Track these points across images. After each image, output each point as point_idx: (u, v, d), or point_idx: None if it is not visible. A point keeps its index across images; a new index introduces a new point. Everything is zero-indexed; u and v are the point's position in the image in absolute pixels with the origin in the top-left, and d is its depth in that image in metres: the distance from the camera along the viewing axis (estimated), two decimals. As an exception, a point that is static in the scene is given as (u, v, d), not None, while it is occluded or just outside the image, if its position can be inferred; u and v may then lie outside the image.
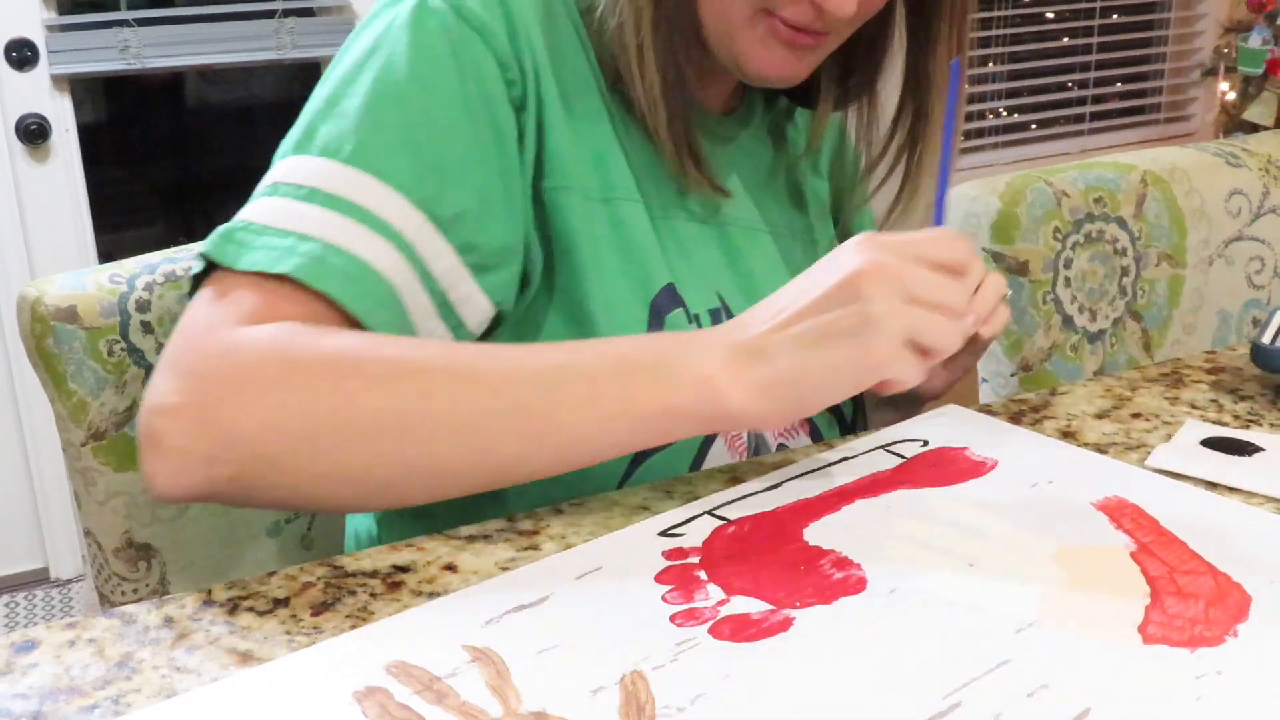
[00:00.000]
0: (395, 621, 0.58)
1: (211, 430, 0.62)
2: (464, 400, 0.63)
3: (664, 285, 0.80)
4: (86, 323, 0.88)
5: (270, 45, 2.39)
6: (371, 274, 0.68)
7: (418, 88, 0.72)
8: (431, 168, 0.71)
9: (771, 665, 0.54)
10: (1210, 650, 0.55)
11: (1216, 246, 1.28)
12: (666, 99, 0.77)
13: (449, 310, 0.73)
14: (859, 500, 0.69)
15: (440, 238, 0.71)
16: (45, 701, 0.52)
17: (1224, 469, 0.72)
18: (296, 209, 0.68)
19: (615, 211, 0.80)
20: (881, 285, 0.63)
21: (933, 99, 0.86)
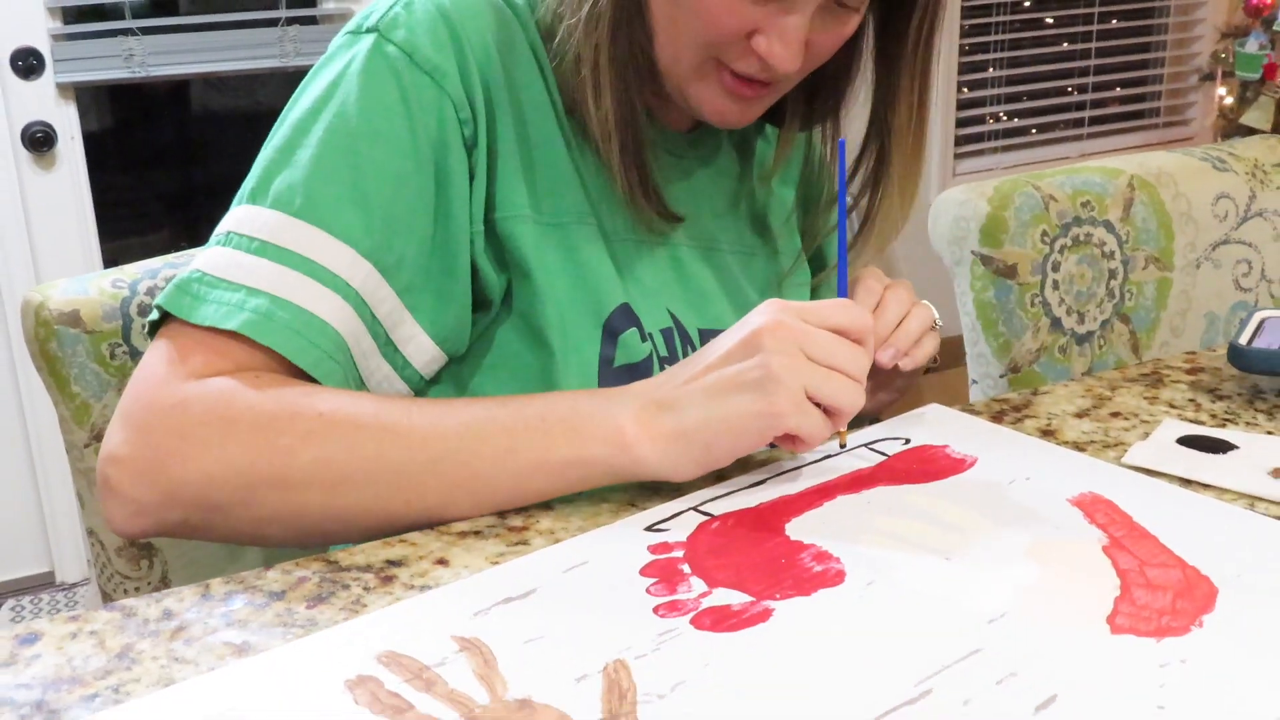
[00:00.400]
0: (386, 613, 0.59)
1: (158, 481, 0.68)
2: (390, 453, 0.68)
3: (618, 306, 0.82)
4: (89, 326, 0.90)
5: (274, 53, 2.41)
6: (318, 326, 0.72)
7: (368, 139, 0.75)
8: (378, 218, 0.74)
9: (751, 654, 0.55)
10: (1176, 640, 0.56)
11: (1204, 250, 1.30)
12: (620, 130, 0.79)
13: (393, 350, 0.77)
14: (840, 496, 0.71)
15: (384, 284, 0.75)
16: (48, 691, 0.54)
17: (1198, 466, 0.74)
18: (247, 262, 0.72)
19: (568, 235, 0.81)
20: (780, 341, 0.68)
21: (893, 148, 0.88)
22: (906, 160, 0.88)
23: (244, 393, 0.69)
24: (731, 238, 0.93)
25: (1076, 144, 3.50)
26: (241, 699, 0.53)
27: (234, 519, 0.70)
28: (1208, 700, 0.52)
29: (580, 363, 0.81)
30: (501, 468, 0.69)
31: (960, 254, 1.19)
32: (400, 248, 0.75)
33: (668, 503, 0.70)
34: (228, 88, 2.81)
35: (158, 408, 0.69)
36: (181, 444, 0.68)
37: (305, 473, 0.68)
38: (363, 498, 0.69)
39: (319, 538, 0.72)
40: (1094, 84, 3.49)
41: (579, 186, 0.83)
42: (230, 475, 0.68)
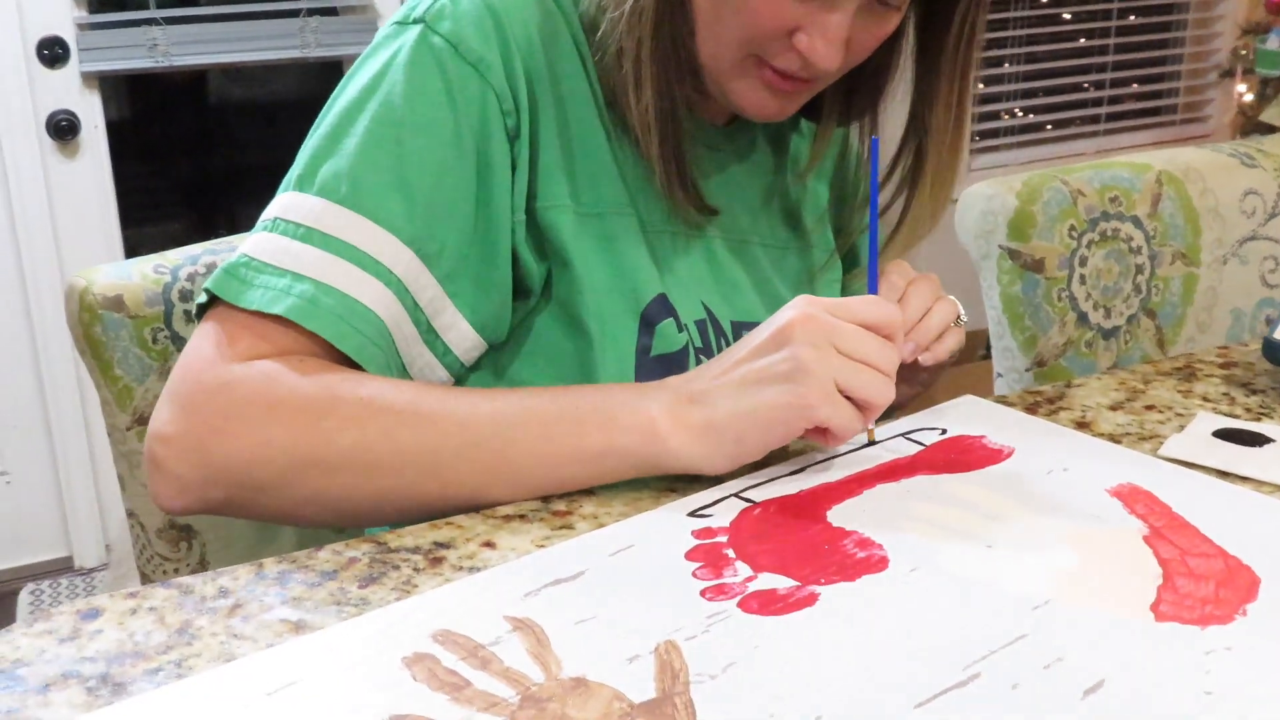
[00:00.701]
0: (439, 593, 0.60)
1: (203, 459, 0.70)
2: (426, 439, 0.70)
3: (655, 296, 0.83)
4: (132, 311, 0.91)
5: (294, 44, 2.42)
6: (361, 312, 0.73)
7: (413, 129, 0.76)
8: (421, 206, 0.75)
9: (799, 637, 0.56)
10: (1220, 628, 0.57)
11: (1230, 246, 1.30)
12: (660, 124, 0.80)
13: (434, 337, 0.78)
14: (879, 485, 0.71)
15: (426, 271, 0.76)
16: (112, 664, 0.55)
17: (1235, 459, 0.75)
18: (294, 248, 0.73)
19: (607, 225, 0.82)
20: (811, 334, 0.69)
21: (930, 144, 0.88)
22: (943, 160, 0.88)
23: (288, 376, 0.70)
24: (765, 232, 0.94)
25: (1093, 140, 3.50)
26: (301, 674, 0.54)
27: (275, 498, 0.71)
28: (1256, 687, 0.53)
29: (618, 352, 0.81)
30: (535, 455, 0.70)
31: (987, 248, 1.20)
32: (442, 236, 0.76)
33: (709, 489, 0.71)
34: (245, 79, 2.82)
35: (205, 388, 0.71)
36: (227, 424, 0.70)
37: (344, 456, 0.69)
38: (399, 482, 0.70)
39: (356, 519, 0.74)
40: (1111, 80, 3.49)
41: (618, 178, 0.83)
42: (273, 456, 0.69)
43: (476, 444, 0.70)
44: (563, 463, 0.70)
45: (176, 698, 0.52)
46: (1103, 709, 0.51)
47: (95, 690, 0.53)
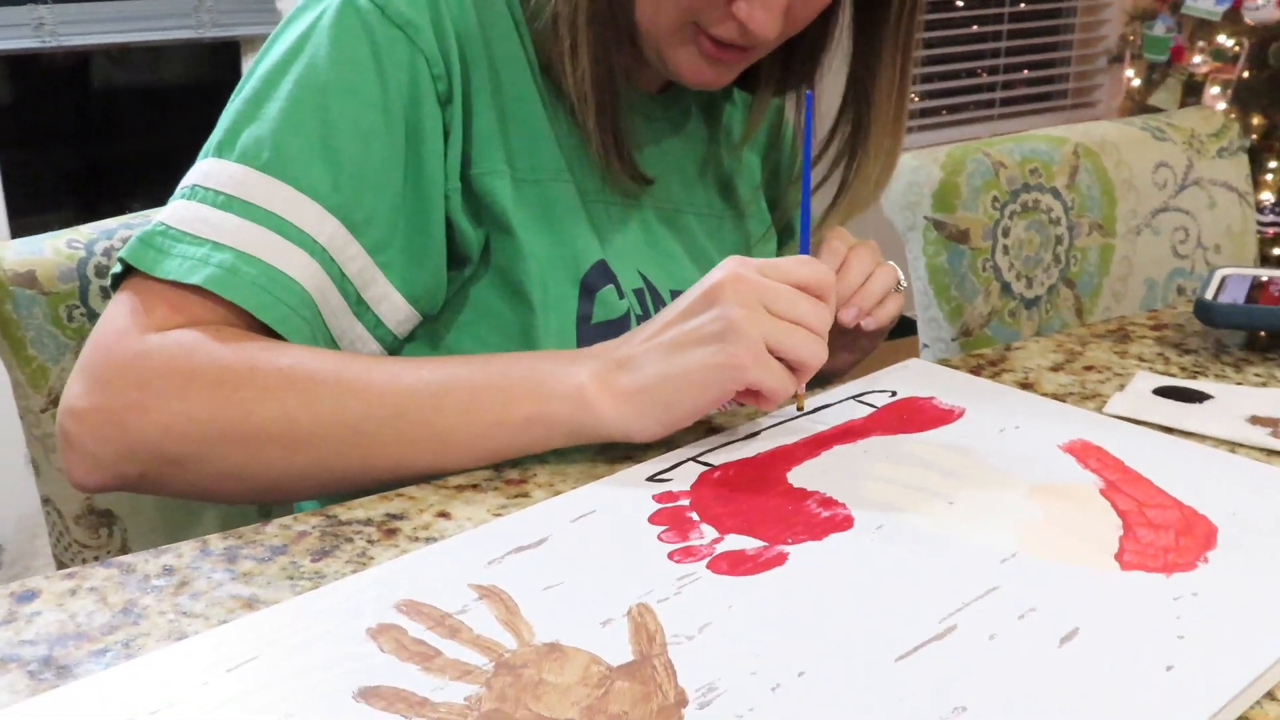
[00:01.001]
0: (398, 564, 0.58)
1: (117, 434, 0.67)
2: (349, 409, 0.67)
3: (595, 263, 0.82)
4: (45, 288, 0.86)
5: (189, 24, 2.35)
6: (284, 282, 0.70)
7: (338, 93, 0.73)
8: (347, 174, 0.73)
9: (772, 596, 0.55)
10: (1185, 575, 0.58)
11: (1144, 217, 1.33)
12: (596, 92, 0.79)
13: (365, 309, 0.76)
14: (836, 446, 0.71)
15: (353, 241, 0.74)
16: (54, 647, 0.52)
17: (1178, 415, 0.76)
18: (213, 216, 0.71)
19: (545, 192, 0.81)
20: (740, 295, 0.67)
21: (873, 115, 0.87)
22: (886, 133, 0.88)
23: (205, 346, 0.67)
24: (700, 202, 0.93)
25: (987, 124, 3.57)
26: (261, 649, 0.51)
27: (193, 473, 0.68)
28: (1225, 629, 0.53)
29: (559, 319, 0.80)
30: (461, 425, 0.68)
31: (913, 219, 1.21)
32: (370, 205, 0.74)
33: (666, 454, 0.70)
34: (132, 63, 2.73)
35: (117, 360, 0.68)
36: (140, 396, 0.67)
37: (263, 428, 0.67)
38: (321, 454, 0.68)
39: (278, 494, 0.71)
40: (1005, 65, 3.56)
41: (554, 145, 0.82)
42: (189, 429, 0.67)
43: (400, 414, 0.68)
44: (490, 432, 0.68)
45: (131, 677, 0.49)
46: (1078, 656, 0.51)
47: (39, 674, 0.50)
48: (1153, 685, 0.49)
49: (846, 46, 0.88)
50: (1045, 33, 3.61)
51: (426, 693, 0.49)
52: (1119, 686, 0.49)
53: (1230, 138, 1.39)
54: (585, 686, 0.49)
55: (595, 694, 0.49)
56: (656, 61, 0.82)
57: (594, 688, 0.49)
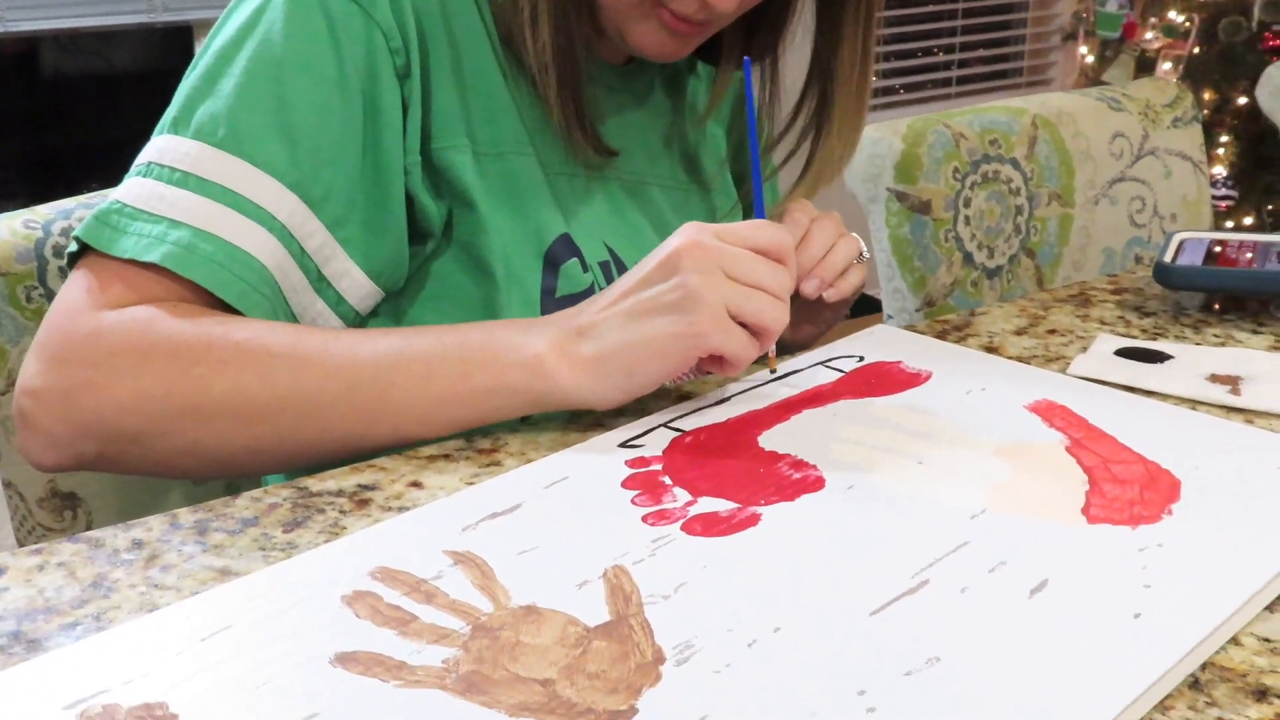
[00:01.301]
0: (371, 532, 0.58)
1: (73, 413, 0.66)
2: (304, 382, 0.67)
3: (558, 236, 0.82)
4: (3, 269, 0.85)
5: (141, 8, 2.32)
6: (242, 258, 0.70)
7: (293, 68, 0.72)
8: (304, 150, 0.72)
9: (747, 555, 0.56)
10: (1150, 527, 0.58)
11: (1101, 187, 1.35)
12: (558, 64, 0.78)
13: (326, 285, 0.75)
14: (806, 410, 0.71)
15: (313, 217, 0.73)
16: (23, 621, 0.51)
17: (1139, 375, 0.77)
18: (169, 194, 0.70)
19: (507, 165, 0.80)
20: (698, 260, 0.67)
21: (837, 88, 0.87)
22: (850, 106, 0.88)
23: (161, 322, 0.67)
24: (664, 175, 0.93)
25: (944, 103, 3.59)
26: (235, 618, 0.51)
27: (150, 450, 0.68)
28: (1190, 577, 0.54)
29: (523, 293, 0.80)
30: (418, 396, 0.67)
31: (875, 191, 1.21)
32: (328, 180, 0.73)
33: (636, 420, 0.70)
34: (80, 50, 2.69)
35: (73, 338, 0.67)
36: (95, 374, 0.66)
37: (219, 403, 0.66)
38: (277, 427, 0.67)
39: (236, 469, 0.70)
40: (960, 44, 3.58)
41: (516, 117, 0.81)
42: (144, 405, 0.66)
43: (355, 386, 0.67)
44: (447, 404, 0.68)
45: (103, 647, 0.49)
46: (1048, 606, 0.52)
47: (8, 649, 0.50)
48: (1122, 632, 0.50)
49: (810, 20, 0.88)
50: (1000, 10, 3.63)
51: (404, 656, 0.49)
52: (1089, 634, 0.50)
53: (1184, 108, 1.41)
54: (563, 647, 0.49)
55: (573, 654, 0.49)
56: (616, 35, 0.81)
57: (571, 648, 0.49)
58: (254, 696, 0.46)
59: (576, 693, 0.47)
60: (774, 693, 0.46)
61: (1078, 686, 0.47)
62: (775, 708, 0.46)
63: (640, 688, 0.47)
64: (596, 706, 0.46)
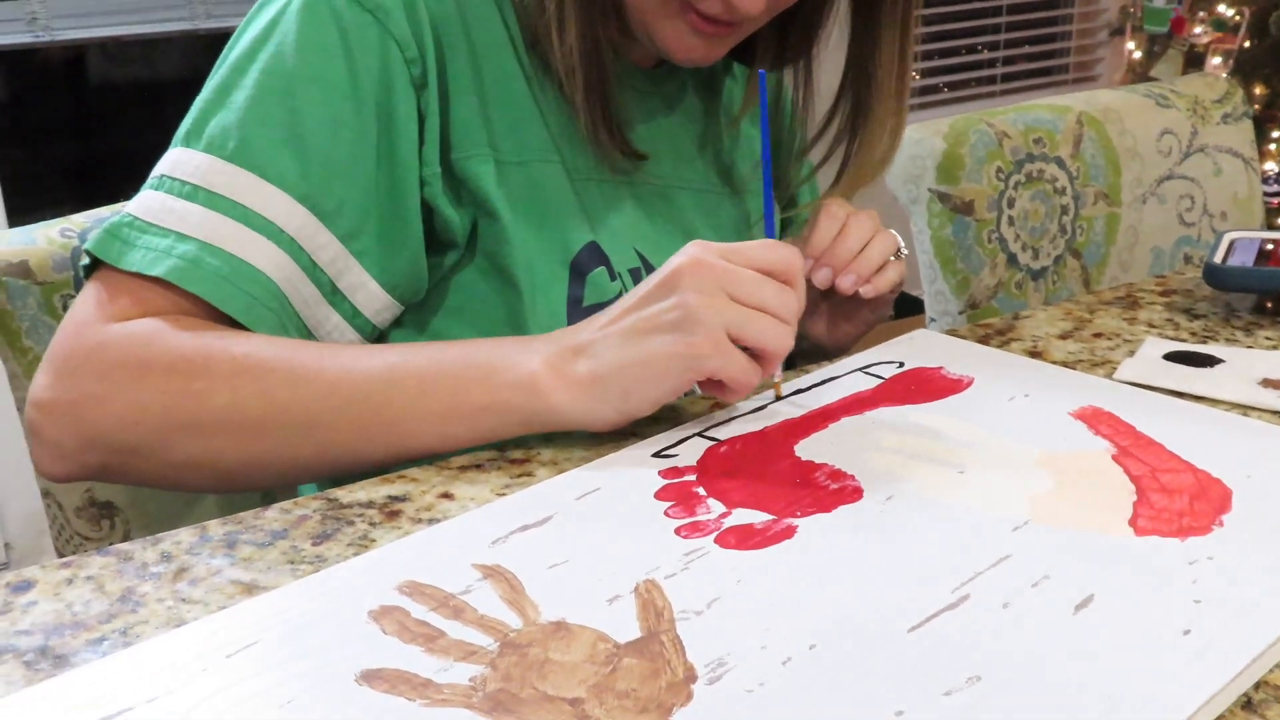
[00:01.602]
0: (399, 545, 0.57)
1: (77, 425, 0.67)
2: (301, 397, 0.66)
3: (585, 244, 0.80)
4: (39, 277, 0.85)
5: (184, 15, 2.34)
6: (248, 273, 0.70)
7: (305, 81, 0.72)
8: (316, 163, 0.72)
9: (782, 569, 0.54)
10: (1200, 539, 0.56)
11: (1149, 185, 1.32)
12: (584, 67, 0.77)
13: (340, 298, 0.75)
14: (844, 418, 0.70)
15: (324, 230, 0.72)
16: (51, 636, 0.51)
17: (1188, 380, 0.75)
18: (179, 207, 0.70)
19: (531, 173, 0.79)
20: (700, 280, 0.65)
21: (874, 92, 0.85)
22: (888, 108, 0.86)
23: (163, 336, 0.67)
24: (698, 179, 0.92)
25: (989, 101, 3.55)
26: (261, 634, 0.50)
27: (151, 463, 0.68)
28: (1242, 591, 0.52)
29: (548, 303, 0.79)
30: (414, 413, 0.66)
31: (917, 192, 1.19)
32: (340, 193, 0.73)
33: (672, 430, 0.69)
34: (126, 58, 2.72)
35: (78, 351, 0.67)
36: (98, 387, 0.67)
37: (217, 417, 0.66)
38: (276, 442, 0.67)
39: (235, 483, 0.70)
40: (1005, 41, 3.53)
41: (541, 124, 0.80)
42: (144, 419, 0.66)
43: (351, 402, 0.66)
44: (442, 421, 0.66)
45: (127, 664, 0.48)
46: (1094, 622, 0.50)
47: (34, 664, 0.49)
48: (1170, 649, 0.48)
49: (847, 21, 0.87)
50: (1045, 6, 3.58)
51: (430, 674, 0.48)
52: (1136, 651, 0.48)
53: (1234, 104, 1.38)
54: (592, 664, 0.48)
55: (603, 671, 0.48)
56: (644, 37, 0.80)
57: (601, 665, 0.48)
58: (276, 715, 0.45)
59: (606, 712, 0.46)
60: (808, 713, 0.45)
61: (1125, 707, 0.45)
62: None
63: (671, 707, 0.46)
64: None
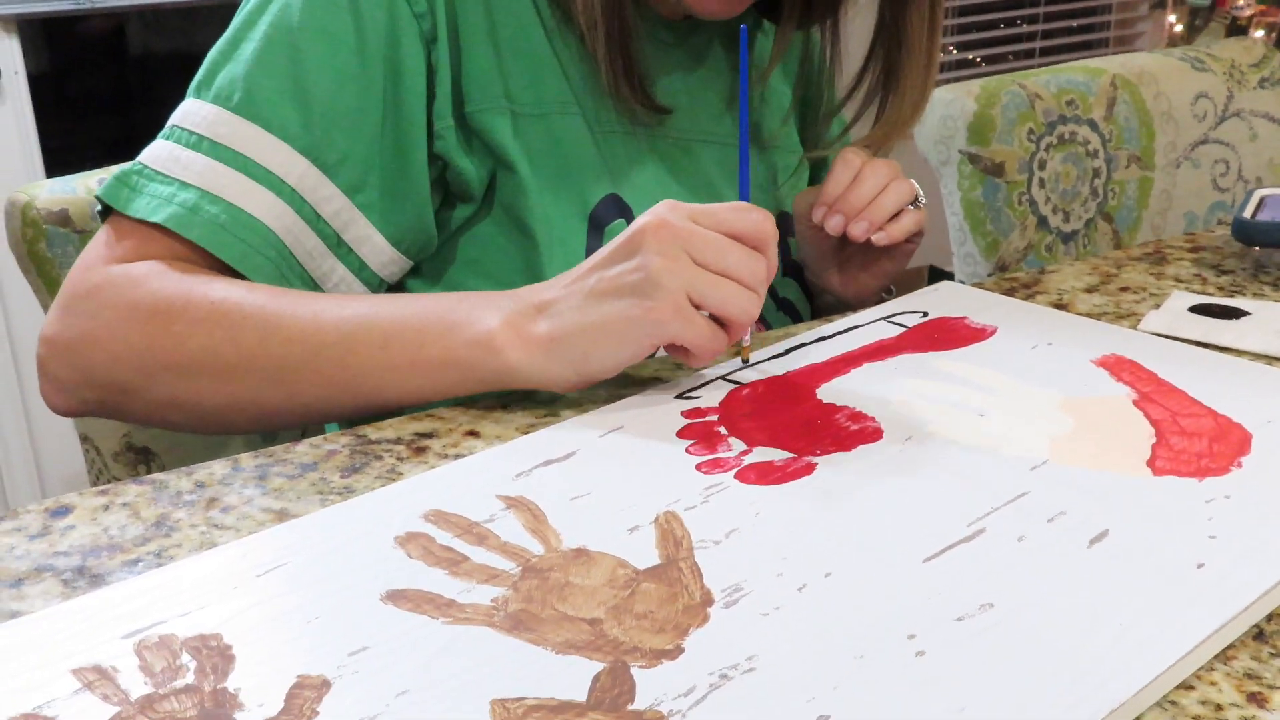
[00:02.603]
0: (426, 476, 0.58)
1: (76, 362, 0.70)
2: (271, 345, 0.67)
3: (604, 197, 0.80)
4: (79, 225, 0.87)
5: (223, -16, 2.36)
6: (246, 221, 0.71)
7: (310, 34, 0.73)
8: (318, 115, 0.73)
9: (800, 503, 0.55)
10: (1217, 479, 0.57)
11: (1183, 149, 1.31)
12: (606, 19, 0.77)
13: (346, 250, 0.76)
14: (866, 364, 0.71)
15: (327, 182, 0.73)
16: (88, 558, 0.53)
17: (1214, 330, 0.75)
18: (184, 156, 0.72)
19: (550, 126, 0.79)
20: (662, 242, 0.63)
21: (904, 56, 0.85)
22: (918, 68, 0.85)
23: (153, 280, 0.69)
24: (723, 133, 0.92)
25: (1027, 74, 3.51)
26: (290, 556, 0.52)
27: (138, 401, 0.70)
28: (1257, 529, 0.52)
29: (566, 255, 0.79)
30: (374, 365, 0.67)
31: (948, 153, 1.19)
32: (344, 146, 0.74)
33: (695, 373, 0.69)
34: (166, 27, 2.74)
35: (80, 291, 0.70)
36: (93, 325, 0.69)
37: (194, 359, 0.68)
38: (249, 388, 0.68)
39: (220, 425, 0.72)
40: (1045, 14, 3.50)
41: (561, 76, 0.80)
42: (130, 358, 0.68)
43: (318, 351, 0.67)
44: (403, 374, 0.66)
45: (161, 582, 0.50)
46: (1108, 556, 0.51)
47: (72, 582, 0.51)
48: (1183, 581, 0.49)
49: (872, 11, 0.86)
50: (1086, -22, 3.54)
51: (453, 595, 0.49)
52: (1148, 583, 0.49)
53: (1272, 68, 1.36)
54: (611, 588, 0.49)
55: (621, 595, 0.49)
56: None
57: (620, 589, 0.49)
58: (305, 630, 0.47)
59: (623, 632, 0.47)
60: (822, 635, 0.46)
61: (1135, 634, 0.45)
62: (822, 650, 0.45)
63: (687, 628, 0.47)
64: (643, 645, 0.46)
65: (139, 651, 0.46)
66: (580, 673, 0.44)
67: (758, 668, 0.44)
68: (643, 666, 0.44)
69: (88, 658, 0.45)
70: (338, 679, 0.44)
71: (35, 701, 0.43)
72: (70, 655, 0.45)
